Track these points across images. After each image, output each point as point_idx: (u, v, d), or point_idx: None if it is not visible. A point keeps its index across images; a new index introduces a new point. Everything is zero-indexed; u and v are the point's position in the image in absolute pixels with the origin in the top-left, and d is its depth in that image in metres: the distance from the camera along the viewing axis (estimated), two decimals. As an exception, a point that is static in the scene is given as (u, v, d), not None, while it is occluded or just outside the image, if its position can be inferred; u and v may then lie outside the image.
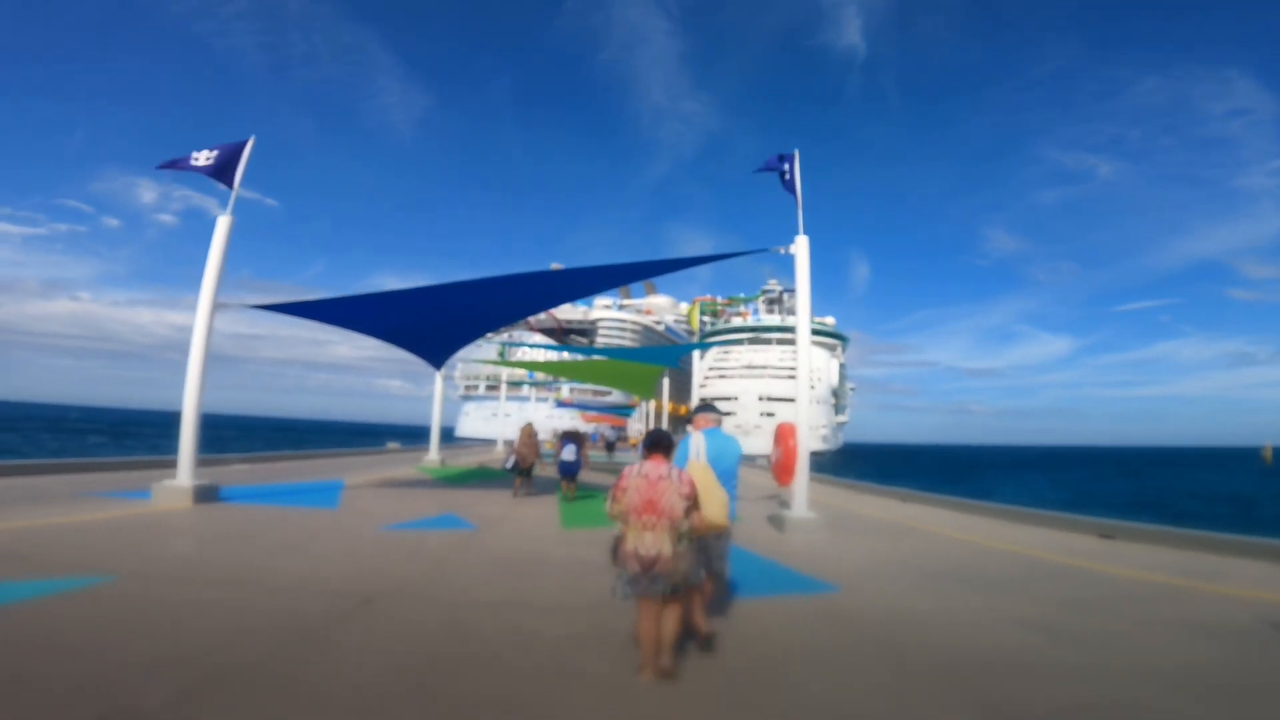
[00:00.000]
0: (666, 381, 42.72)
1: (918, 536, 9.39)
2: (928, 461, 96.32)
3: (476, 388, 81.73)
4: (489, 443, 46.49)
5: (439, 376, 21.28)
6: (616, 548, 3.63)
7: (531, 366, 29.54)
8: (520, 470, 12.91)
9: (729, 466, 4.46)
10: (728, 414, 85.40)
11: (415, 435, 23.72)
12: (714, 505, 3.94)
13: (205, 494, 9.90)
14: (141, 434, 63.96)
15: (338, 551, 6.94)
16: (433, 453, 21.69)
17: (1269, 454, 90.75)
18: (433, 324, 13.07)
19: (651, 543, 3.47)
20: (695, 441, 4.39)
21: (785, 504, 10.52)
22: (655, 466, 3.64)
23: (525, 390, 72.30)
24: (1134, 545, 8.53)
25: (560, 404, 66.95)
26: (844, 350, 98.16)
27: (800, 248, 9.79)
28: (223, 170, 10.25)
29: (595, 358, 23.77)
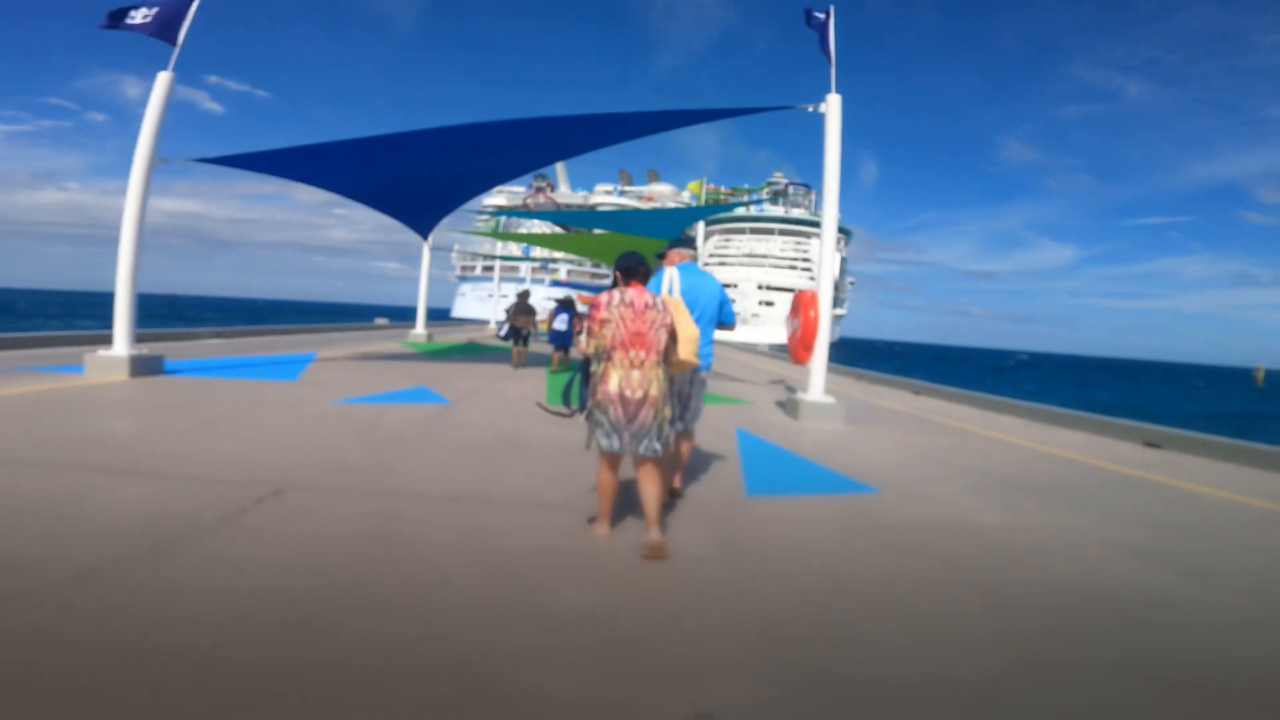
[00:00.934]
0: (667, 265, 41.45)
1: (948, 432, 8.33)
2: (924, 359, 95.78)
3: (473, 269, 79.67)
4: (483, 323, 45.46)
5: (426, 247, 19.83)
6: (583, 393, 3.25)
7: (525, 239, 27.70)
8: (516, 337, 12.59)
9: (705, 304, 4.06)
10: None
11: (410, 315, 22.44)
12: (683, 340, 3.41)
13: (145, 366, 8.70)
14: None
15: (275, 429, 5.80)
16: (419, 326, 20.56)
17: (1261, 376, 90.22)
18: (412, 179, 11.43)
19: (639, 382, 3.06)
20: (669, 275, 3.95)
21: (792, 389, 9.44)
22: (639, 294, 3.17)
23: (522, 271, 70.42)
24: (1186, 456, 7.37)
25: (556, 284, 65.36)
26: (847, 245, 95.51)
27: (832, 107, 8.19)
28: (165, 28, 9.07)
29: (595, 231, 22.09)
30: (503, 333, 12.81)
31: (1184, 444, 7.87)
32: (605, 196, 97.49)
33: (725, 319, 4.22)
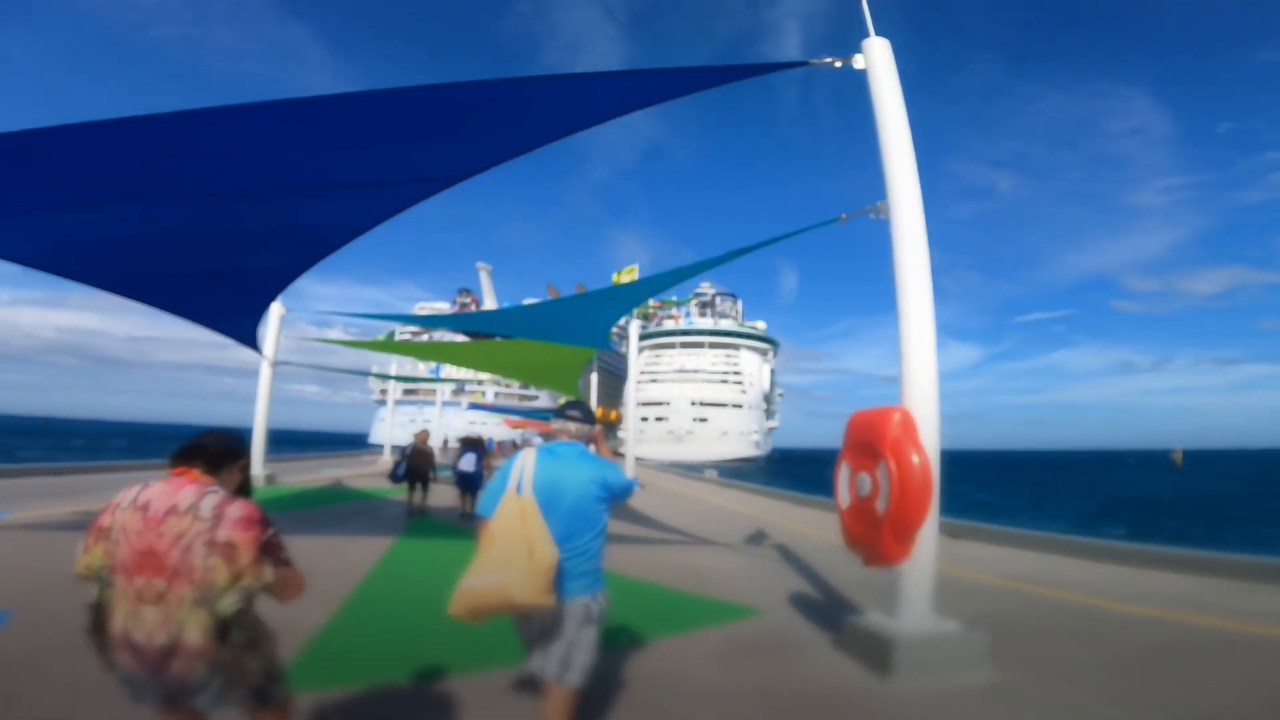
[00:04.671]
0: (595, 379, 37.05)
1: (1150, 642, 4.01)
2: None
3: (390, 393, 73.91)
4: (378, 450, 39.49)
5: (265, 361, 14.95)
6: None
7: (407, 350, 22.73)
8: (410, 479, 10.73)
9: (576, 501, 2.58)
10: (659, 419, 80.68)
11: (313, 443, 16.84)
12: (515, 569, 2.35)
13: None
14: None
15: None
16: (256, 465, 15.15)
17: (1179, 458, 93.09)
18: (170, 245, 6.55)
19: (157, 623, 1.88)
20: (520, 463, 2.63)
21: (791, 553, 4.97)
22: (169, 491, 1.98)
23: (438, 392, 64.67)
24: None
25: (475, 406, 59.92)
26: (775, 355, 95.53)
27: (875, 56, 4.43)
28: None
29: (505, 339, 17.74)
30: (398, 473, 10.78)
31: None
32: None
33: (625, 496, 2.76)
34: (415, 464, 10.73)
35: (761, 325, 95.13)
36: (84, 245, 6.06)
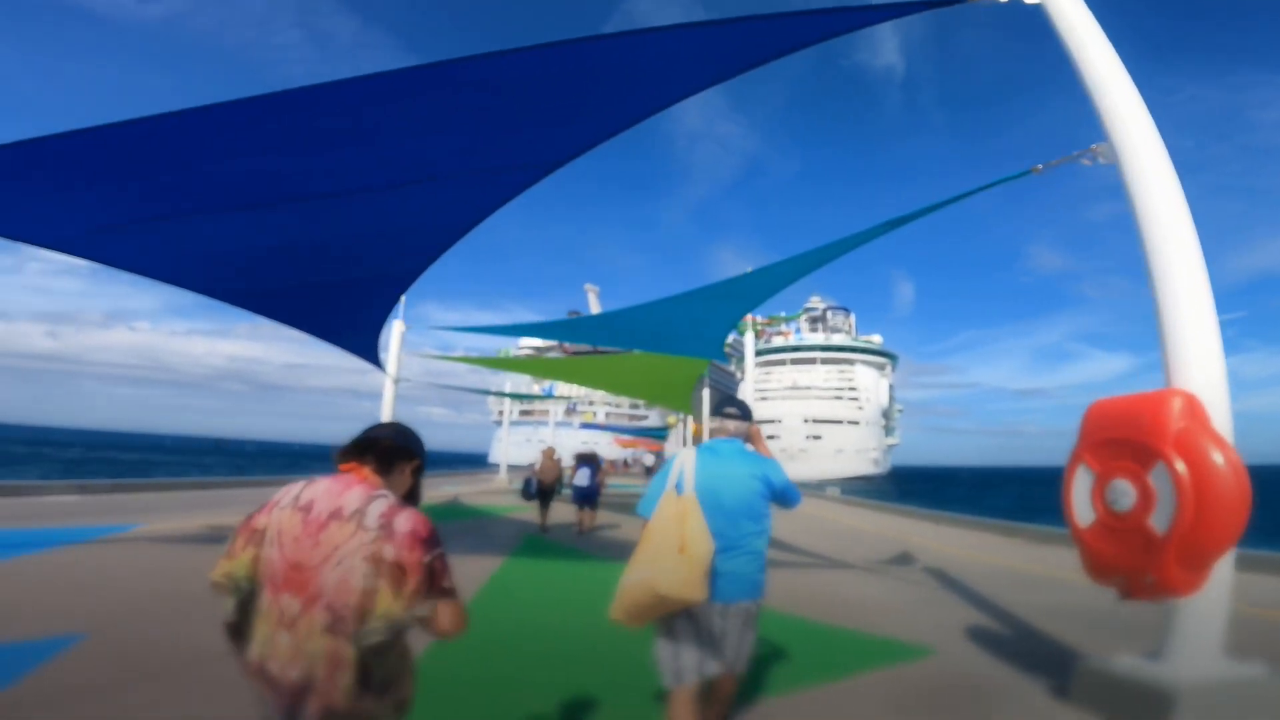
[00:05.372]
0: (706, 395, 36.20)
1: None
2: (993, 483, 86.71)
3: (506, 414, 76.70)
4: (494, 469, 40.54)
5: (388, 379, 15.43)
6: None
7: (504, 364, 22.84)
8: (540, 495, 10.78)
9: (740, 498, 2.50)
10: (771, 437, 78.31)
11: (442, 462, 17.64)
12: (665, 563, 2.26)
13: None
14: (112, 460, 58.50)
15: None
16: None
17: None
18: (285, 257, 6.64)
19: (290, 652, 1.52)
20: (680, 462, 2.57)
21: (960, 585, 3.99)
22: (335, 491, 1.60)
23: (551, 413, 66.17)
24: None
25: (586, 425, 60.52)
26: (893, 370, 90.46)
27: None
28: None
29: (608, 351, 17.47)
30: (531, 490, 10.89)
31: None
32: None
33: (788, 501, 2.63)
34: (544, 480, 10.85)
35: (877, 339, 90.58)
36: (197, 256, 6.16)
